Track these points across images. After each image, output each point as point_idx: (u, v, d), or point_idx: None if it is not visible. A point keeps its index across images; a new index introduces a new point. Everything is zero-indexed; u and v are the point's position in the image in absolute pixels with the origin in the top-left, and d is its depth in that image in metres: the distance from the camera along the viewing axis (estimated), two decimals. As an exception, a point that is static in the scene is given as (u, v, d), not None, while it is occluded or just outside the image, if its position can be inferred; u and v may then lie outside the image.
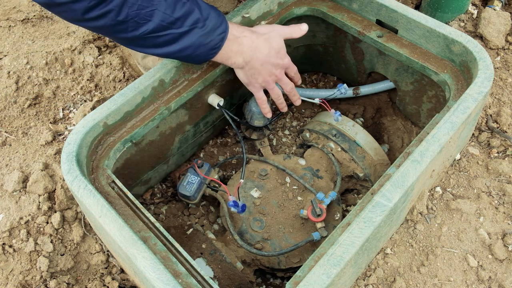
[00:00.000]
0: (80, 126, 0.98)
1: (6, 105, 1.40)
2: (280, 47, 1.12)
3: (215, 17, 0.97)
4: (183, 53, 0.97)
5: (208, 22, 0.96)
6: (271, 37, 1.11)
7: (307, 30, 1.16)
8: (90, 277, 1.13)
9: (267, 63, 1.10)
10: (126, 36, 0.91)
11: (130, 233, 0.84)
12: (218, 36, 0.99)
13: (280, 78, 1.17)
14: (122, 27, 0.88)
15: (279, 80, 1.17)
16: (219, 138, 1.47)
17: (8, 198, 1.17)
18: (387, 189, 0.88)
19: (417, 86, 1.27)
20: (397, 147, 1.41)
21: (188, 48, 0.96)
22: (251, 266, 1.19)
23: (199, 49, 0.97)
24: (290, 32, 1.16)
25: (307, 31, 1.19)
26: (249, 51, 1.06)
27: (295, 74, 1.23)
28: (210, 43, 0.98)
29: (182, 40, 0.95)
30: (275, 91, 1.20)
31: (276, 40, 1.12)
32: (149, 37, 0.92)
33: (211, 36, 0.97)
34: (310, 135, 1.34)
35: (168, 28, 0.92)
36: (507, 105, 1.32)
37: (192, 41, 0.95)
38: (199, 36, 0.95)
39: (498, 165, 1.19)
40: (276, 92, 1.20)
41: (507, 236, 1.07)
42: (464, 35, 1.07)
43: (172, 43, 0.95)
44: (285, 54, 1.15)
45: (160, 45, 0.95)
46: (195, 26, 0.94)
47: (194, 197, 1.21)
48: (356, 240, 0.82)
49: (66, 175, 0.91)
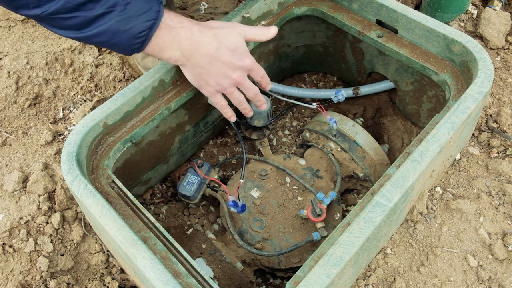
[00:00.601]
0: (80, 126, 0.98)
1: (6, 105, 1.40)
2: (236, 45, 0.98)
3: (142, 2, 0.86)
4: (98, 39, 0.85)
5: (130, 6, 0.84)
6: (223, 33, 0.97)
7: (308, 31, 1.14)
8: (90, 277, 1.13)
9: (217, 61, 0.97)
10: (29, 13, 0.81)
11: (130, 233, 0.84)
12: (143, 24, 0.86)
13: (240, 82, 1.02)
14: (22, 2, 0.79)
15: (238, 84, 1.03)
16: (219, 138, 1.47)
17: (8, 198, 1.17)
18: (387, 189, 0.88)
19: (417, 86, 1.27)
20: (397, 147, 1.41)
21: (103, 34, 0.85)
22: (251, 266, 1.19)
23: (116, 36, 0.85)
24: (254, 33, 1.03)
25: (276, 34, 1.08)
26: (187, 45, 0.93)
27: (262, 77, 1.07)
28: (131, 30, 0.86)
29: (95, 24, 0.83)
30: (235, 97, 1.05)
31: (231, 37, 0.98)
32: (55, 18, 0.82)
33: (132, 22, 0.85)
34: (310, 135, 1.34)
35: (76, 10, 0.81)
36: (507, 105, 1.32)
37: (106, 27, 0.84)
38: (116, 21, 0.84)
39: (498, 165, 1.19)
40: (237, 97, 1.06)
41: (507, 236, 1.07)
42: (464, 35, 1.07)
43: (84, 27, 0.84)
44: (245, 54, 1.00)
45: (71, 28, 0.84)
46: (112, 10, 0.83)
47: (194, 197, 1.21)
48: (356, 240, 0.82)
49: (66, 175, 0.91)
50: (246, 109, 1.13)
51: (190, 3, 1.77)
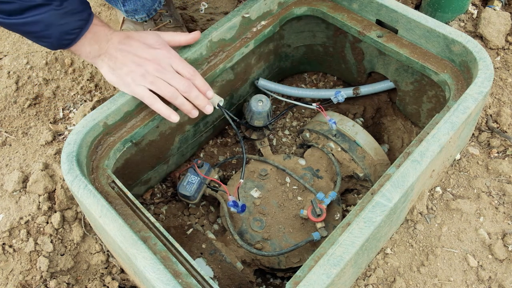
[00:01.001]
0: (80, 126, 0.98)
1: (6, 105, 1.40)
2: (147, 36, 1.01)
3: (78, 3, 0.90)
4: (30, 27, 0.87)
5: (66, 4, 0.88)
6: (138, 32, 1.02)
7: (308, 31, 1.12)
8: (90, 277, 1.13)
9: (127, 52, 0.99)
10: None
11: (130, 233, 0.84)
12: (77, 22, 0.91)
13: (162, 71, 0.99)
14: None
15: (161, 74, 0.99)
16: (219, 138, 1.47)
17: (8, 198, 1.17)
18: (387, 189, 0.88)
19: (417, 86, 1.27)
20: (397, 147, 1.41)
21: (35, 24, 0.87)
22: (251, 266, 1.19)
23: (49, 28, 0.88)
24: (173, 36, 1.06)
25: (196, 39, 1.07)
26: (104, 40, 0.98)
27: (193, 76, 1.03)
28: (65, 26, 0.90)
29: (30, 13, 0.85)
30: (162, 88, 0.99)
31: (144, 33, 1.02)
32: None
33: (67, 18, 0.89)
34: (310, 135, 1.34)
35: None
36: (507, 105, 1.32)
37: (42, 17, 0.86)
38: (52, 14, 0.87)
39: (498, 165, 1.19)
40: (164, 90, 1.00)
41: (507, 236, 1.07)
42: (464, 35, 1.07)
43: (18, 14, 0.85)
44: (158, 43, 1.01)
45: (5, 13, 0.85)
46: (49, 3, 0.86)
47: (194, 197, 1.21)
48: (356, 240, 0.82)
49: (66, 175, 0.91)
50: (184, 105, 1.03)
51: (190, 3, 1.77)
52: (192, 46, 1.13)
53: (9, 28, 0.90)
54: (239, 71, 1.29)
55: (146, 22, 1.47)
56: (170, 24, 1.49)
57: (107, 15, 1.70)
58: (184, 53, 1.12)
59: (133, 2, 1.40)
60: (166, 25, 1.49)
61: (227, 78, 1.26)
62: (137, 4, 1.41)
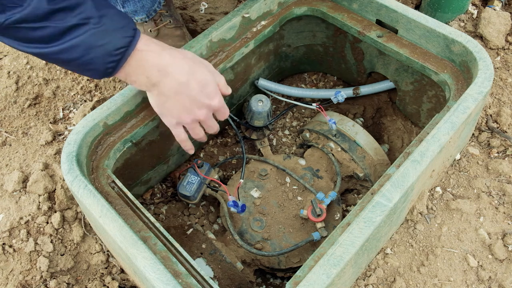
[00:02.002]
0: (80, 126, 0.98)
1: (6, 105, 1.40)
2: (207, 82, 0.92)
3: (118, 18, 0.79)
4: (69, 54, 0.76)
5: (105, 19, 0.76)
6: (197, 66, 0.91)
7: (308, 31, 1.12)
8: (90, 277, 1.13)
9: (184, 94, 0.90)
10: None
11: (130, 233, 0.84)
12: (121, 40, 0.78)
13: (204, 120, 0.97)
14: None
15: (202, 122, 0.98)
16: (219, 138, 1.47)
17: (8, 198, 1.17)
18: (387, 189, 0.88)
19: (417, 86, 1.27)
20: (397, 147, 1.41)
21: (75, 49, 0.76)
22: (251, 266, 1.19)
23: (90, 51, 0.76)
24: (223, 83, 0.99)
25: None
26: (155, 71, 0.86)
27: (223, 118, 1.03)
28: (107, 46, 0.77)
29: (68, 37, 0.74)
30: (196, 132, 1.00)
31: (203, 73, 0.92)
32: (22, 28, 0.72)
33: (108, 37, 0.77)
34: (310, 135, 1.34)
35: (46, 18, 0.72)
36: (507, 105, 1.32)
37: (80, 40, 0.75)
38: (91, 34, 0.75)
39: (498, 165, 1.19)
40: (197, 133, 1.00)
41: (507, 236, 1.07)
42: (464, 35, 1.07)
43: (54, 39, 0.74)
44: (215, 92, 0.94)
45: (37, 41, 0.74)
46: (86, 22, 0.75)
47: (194, 197, 1.21)
48: (356, 240, 0.82)
49: (66, 175, 0.91)
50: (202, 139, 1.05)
51: (190, 3, 1.77)
52: (192, 46, 1.13)
53: (50, 59, 0.79)
54: (239, 71, 1.29)
55: (146, 22, 1.47)
56: (170, 24, 1.49)
57: (107, 15, 1.70)
58: (184, 53, 1.12)
59: (132, 3, 1.40)
60: (166, 25, 1.49)
61: (227, 78, 1.26)
62: (136, 5, 1.41)
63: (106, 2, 0.79)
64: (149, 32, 1.48)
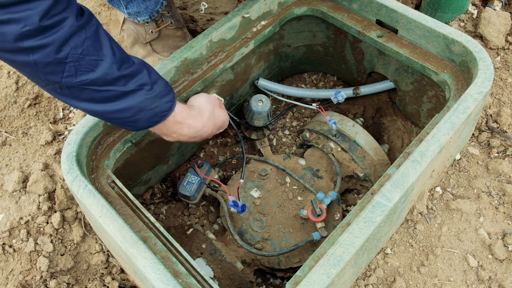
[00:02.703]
0: (80, 126, 0.98)
1: (6, 105, 1.40)
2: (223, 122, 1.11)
3: (164, 85, 0.90)
4: (122, 114, 0.85)
5: (156, 87, 0.87)
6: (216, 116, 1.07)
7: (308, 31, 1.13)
8: (90, 277, 1.13)
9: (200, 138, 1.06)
10: (60, 80, 0.77)
11: (130, 233, 0.84)
12: (166, 104, 0.90)
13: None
14: (57, 69, 0.75)
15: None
16: (219, 138, 1.47)
17: (8, 198, 1.17)
18: (387, 189, 0.88)
19: (417, 86, 1.27)
20: (397, 147, 1.41)
21: (129, 110, 0.85)
22: (251, 266, 1.19)
23: (141, 113, 0.87)
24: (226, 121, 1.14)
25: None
26: (186, 137, 1.00)
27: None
28: (155, 109, 0.88)
29: (125, 100, 0.83)
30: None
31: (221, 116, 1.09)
32: (87, 89, 0.80)
33: (157, 102, 0.88)
34: (310, 135, 1.34)
35: (111, 83, 0.81)
36: (507, 105, 1.32)
37: (135, 102, 0.85)
38: (144, 98, 0.85)
39: (498, 165, 1.19)
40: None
41: (507, 236, 1.07)
42: (464, 35, 1.07)
43: (112, 100, 0.83)
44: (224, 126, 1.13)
45: (98, 101, 0.82)
46: (142, 88, 0.85)
47: (194, 197, 1.21)
48: (356, 240, 0.82)
49: (66, 175, 0.91)
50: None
51: (190, 3, 1.77)
52: (193, 46, 1.13)
53: (96, 115, 0.87)
54: (239, 71, 1.29)
55: (147, 23, 1.47)
56: (172, 25, 1.49)
57: (107, 15, 1.70)
58: (184, 53, 1.12)
59: (136, 5, 1.40)
60: (168, 26, 1.49)
61: (227, 78, 1.26)
62: (140, 6, 1.41)
63: (154, 70, 0.90)
64: (150, 33, 1.48)
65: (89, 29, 0.77)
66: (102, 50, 0.79)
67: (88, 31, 0.76)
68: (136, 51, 1.51)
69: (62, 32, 0.72)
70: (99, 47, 0.78)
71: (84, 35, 0.75)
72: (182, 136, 0.99)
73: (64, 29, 0.73)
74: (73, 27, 0.74)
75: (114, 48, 0.81)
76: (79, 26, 0.74)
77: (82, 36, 0.75)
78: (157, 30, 1.48)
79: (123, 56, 0.82)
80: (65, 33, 0.73)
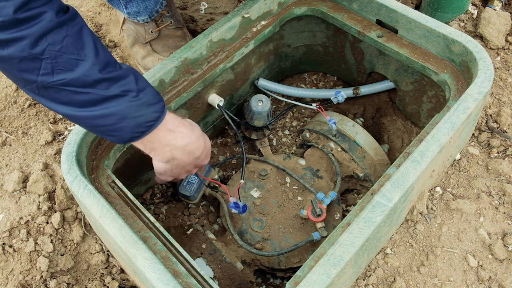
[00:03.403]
0: (80, 126, 0.98)
1: (6, 105, 1.40)
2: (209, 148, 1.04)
3: (152, 94, 0.84)
4: (103, 120, 0.80)
5: (142, 94, 0.81)
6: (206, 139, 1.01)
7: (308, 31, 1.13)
8: (90, 277, 1.13)
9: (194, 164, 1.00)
10: (36, 79, 0.73)
11: (130, 233, 0.84)
12: (152, 114, 0.84)
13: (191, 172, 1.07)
14: (33, 65, 0.72)
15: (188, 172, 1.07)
16: (219, 138, 1.47)
17: (8, 198, 1.17)
18: (387, 189, 0.88)
19: (417, 86, 1.27)
20: (397, 147, 1.41)
21: (111, 116, 0.79)
22: (251, 266, 1.19)
23: (124, 121, 0.81)
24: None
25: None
26: (181, 150, 0.93)
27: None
28: (139, 118, 0.82)
29: (105, 105, 0.78)
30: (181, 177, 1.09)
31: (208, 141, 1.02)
32: (65, 90, 0.75)
33: (141, 111, 0.82)
34: (310, 135, 1.34)
35: (91, 86, 0.76)
36: (507, 105, 1.32)
37: (117, 109, 0.79)
38: (128, 106, 0.80)
39: (498, 165, 1.19)
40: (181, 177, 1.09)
41: (507, 236, 1.07)
42: (464, 35, 1.07)
43: (93, 105, 0.78)
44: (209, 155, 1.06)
45: (78, 105, 0.77)
46: (126, 94, 0.79)
47: (194, 197, 1.21)
48: (356, 240, 0.82)
49: (66, 175, 0.91)
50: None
51: (190, 3, 1.77)
52: (193, 46, 1.13)
53: (78, 121, 0.82)
54: (239, 71, 1.29)
55: (147, 23, 1.47)
56: (171, 25, 1.49)
57: (107, 15, 1.70)
58: (184, 53, 1.12)
59: (135, 5, 1.40)
60: (167, 26, 1.49)
61: (227, 78, 1.26)
62: (139, 6, 1.41)
63: (143, 77, 0.85)
64: (150, 32, 1.48)
65: (71, 27, 0.73)
66: (84, 50, 0.75)
67: (69, 29, 0.73)
68: (136, 51, 1.51)
69: (39, 26, 0.70)
70: (81, 46, 0.75)
71: (64, 32, 0.72)
72: (176, 149, 0.92)
73: (42, 24, 0.70)
74: (52, 22, 0.71)
75: (99, 49, 0.77)
76: (59, 22, 0.72)
77: (62, 33, 0.72)
78: (157, 30, 1.48)
79: (108, 59, 0.78)
80: (42, 27, 0.70)
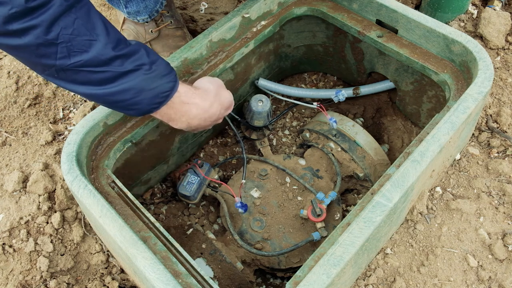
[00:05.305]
0: (80, 126, 0.98)
1: (6, 105, 1.40)
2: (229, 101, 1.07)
3: (164, 65, 0.88)
4: (122, 95, 0.84)
5: (155, 66, 0.85)
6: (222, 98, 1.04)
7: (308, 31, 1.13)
8: (90, 277, 1.13)
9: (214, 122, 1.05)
10: (54, 63, 0.76)
11: (130, 233, 0.84)
12: (167, 84, 0.88)
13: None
14: (50, 51, 0.74)
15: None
16: (219, 138, 1.47)
17: (8, 198, 1.17)
18: (387, 189, 0.88)
19: (417, 86, 1.27)
20: (397, 147, 1.41)
21: (129, 91, 0.83)
22: (251, 266, 1.19)
23: (141, 94, 0.85)
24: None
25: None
26: (196, 119, 0.98)
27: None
28: (156, 89, 0.86)
29: (122, 80, 0.82)
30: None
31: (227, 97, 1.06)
32: (83, 71, 0.79)
33: (157, 82, 0.86)
34: (310, 135, 1.34)
35: (106, 64, 0.79)
36: (507, 105, 1.32)
37: (134, 83, 0.83)
38: (143, 79, 0.84)
39: (498, 165, 1.19)
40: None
41: (507, 236, 1.07)
42: (464, 35, 1.07)
43: (110, 82, 0.81)
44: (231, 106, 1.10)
45: (96, 83, 0.81)
46: (139, 68, 0.83)
47: (194, 197, 1.21)
48: (356, 240, 0.82)
49: (66, 175, 0.91)
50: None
51: (190, 3, 1.77)
52: (193, 46, 1.13)
53: (98, 99, 0.86)
54: (239, 71, 1.29)
55: (147, 23, 1.47)
56: (171, 25, 1.49)
57: (107, 15, 1.70)
58: (184, 53, 1.12)
59: (135, 4, 1.40)
60: (167, 25, 1.49)
61: (227, 78, 1.26)
62: (139, 6, 1.41)
63: (152, 51, 0.88)
64: (150, 32, 1.48)
65: (79, 9, 0.76)
66: (95, 30, 0.77)
67: (78, 11, 0.75)
68: (136, 51, 1.51)
69: (50, 12, 0.72)
70: (92, 27, 0.77)
71: (74, 15, 0.75)
72: (192, 119, 0.96)
73: (52, 9, 0.72)
74: (62, 6, 0.73)
75: (108, 28, 0.79)
76: (68, 5, 0.74)
77: (72, 16, 0.74)
78: (156, 30, 1.48)
79: (118, 37, 0.81)
80: (53, 13, 0.72)
